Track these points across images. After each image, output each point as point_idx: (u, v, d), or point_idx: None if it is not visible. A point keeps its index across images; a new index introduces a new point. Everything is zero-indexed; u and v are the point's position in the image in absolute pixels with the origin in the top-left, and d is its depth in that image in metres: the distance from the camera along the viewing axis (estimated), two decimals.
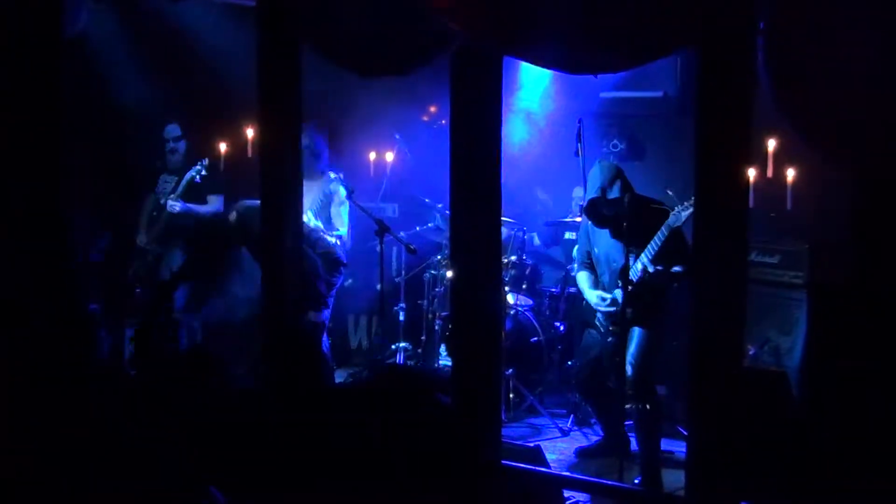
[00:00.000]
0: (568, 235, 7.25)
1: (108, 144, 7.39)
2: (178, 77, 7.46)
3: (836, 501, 3.88)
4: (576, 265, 5.97)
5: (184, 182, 6.85)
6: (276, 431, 3.72)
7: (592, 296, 5.58)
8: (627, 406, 5.43)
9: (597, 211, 5.39)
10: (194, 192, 6.97)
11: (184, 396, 3.71)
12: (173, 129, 7.10)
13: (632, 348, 5.29)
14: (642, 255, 5.15)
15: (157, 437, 3.45)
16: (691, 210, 4.97)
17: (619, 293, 5.36)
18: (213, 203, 7.03)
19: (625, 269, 5.17)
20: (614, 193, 5.28)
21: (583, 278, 5.74)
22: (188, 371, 3.89)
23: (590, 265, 5.71)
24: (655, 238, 5.12)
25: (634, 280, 5.20)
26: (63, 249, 4.39)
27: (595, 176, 5.42)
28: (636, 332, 5.32)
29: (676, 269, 5.20)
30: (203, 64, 7.28)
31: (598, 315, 5.57)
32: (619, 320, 5.37)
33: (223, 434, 3.67)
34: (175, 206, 6.88)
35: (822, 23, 3.35)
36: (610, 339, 5.51)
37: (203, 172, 6.85)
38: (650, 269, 5.13)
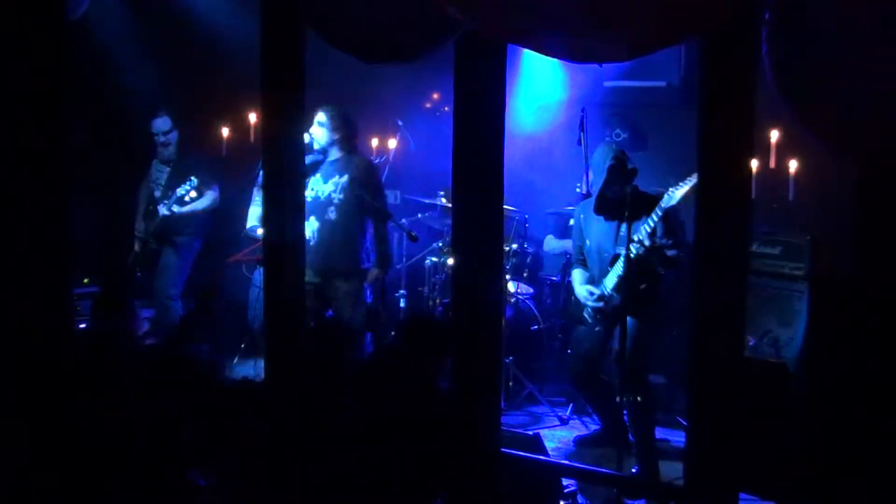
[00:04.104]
0: (572, 222, 7.26)
1: (110, 127, 7.39)
2: (182, 60, 7.44)
3: (834, 492, 3.89)
4: (573, 262, 5.97)
5: (174, 198, 6.75)
6: (270, 420, 3.73)
7: (582, 290, 5.58)
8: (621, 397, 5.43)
9: (609, 188, 5.34)
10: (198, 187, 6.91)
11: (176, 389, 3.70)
12: (163, 123, 6.93)
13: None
14: (636, 234, 5.13)
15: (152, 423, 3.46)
16: (684, 189, 4.97)
17: (609, 280, 5.36)
18: (209, 197, 6.95)
19: (618, 256, 5.20)
20: (631, 165, 5.27)
21: (576, 275, 5.75)
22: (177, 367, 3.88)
23: (584, 261, 5.72)
24: (648, 220, 5.11)
25: (624, 267, 5.19)
26: (61, 235, 4.38)
27: (605, 152, 5.41)
28: (628, 322, 5.31)
29: (670, 253, 5.20)
30: (206, 46, 7.26)
31: (587, 309, 5.57)
32: (609, 313, 5.39)
33: (215, 422, 3.68)
34: (166, 209, 6.79)
35: (827, 13, 3.34)
36: (597, 328, 5.51)
37: (192, 194, 6.72)
38: (647, 243, 5.10)
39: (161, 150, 6.99)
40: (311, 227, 6.00)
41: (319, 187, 6.06)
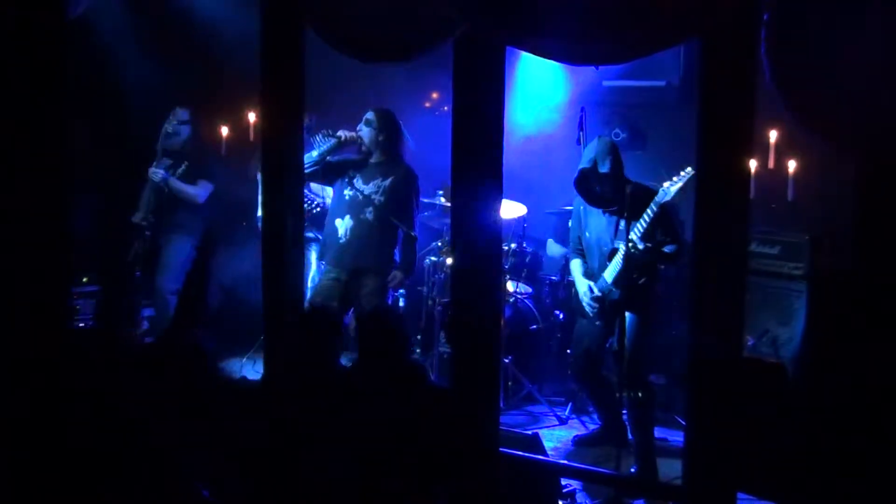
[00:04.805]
0: (572, 223, 7.25)
1: (111, 126, 7.38)
2: (181, 59, 7.44)
3: (832, 492, 3.89)
4: (570, 252, 5.98)
5: (161, 135, 6.75)
6: (269, 420, 3.72)
7: (582, 285, 5.59)
8: (620, 394, 5.42)
9: (587, 185, 5.40)
10: (188, 173, 6.90)
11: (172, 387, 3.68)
12: (182, 113, 6.96)
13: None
14: (631, 232, 5.14)
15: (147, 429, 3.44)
16: (679, 184, 4.99)
17: (608, 274, 5.36)
18: (201, 187, 6.92)
19: (616, 250, 5.21)
20: (605, 168, 5.29)
21: (575, 266, 5.75)
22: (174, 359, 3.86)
23: (582, 251, 5.72)
24: (644, 215, 5.12)
25: (623, 261, 5.20)
26: (64, 233, 4.39)
27: (590, 149, 5.43)
28: (627, 318, 5.31)
29: (668, 249, 5.21)
30: (206, 46, 7.26)
31: (586, 303, 5.57)
32: (606, 310, 5.39)
33: (212, 425, 3.67)
34: (157, 172, 6.78)
35: (825, 14, 3.34)
36: (597, 322, 5.51)
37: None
38: (639, 246, 5.12)
39: (169, 138, 6.95)
40: (345, 225, 6.04)
41: (360, 187, 6.08)
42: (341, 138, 6.01)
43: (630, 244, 5.08)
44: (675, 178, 5.04)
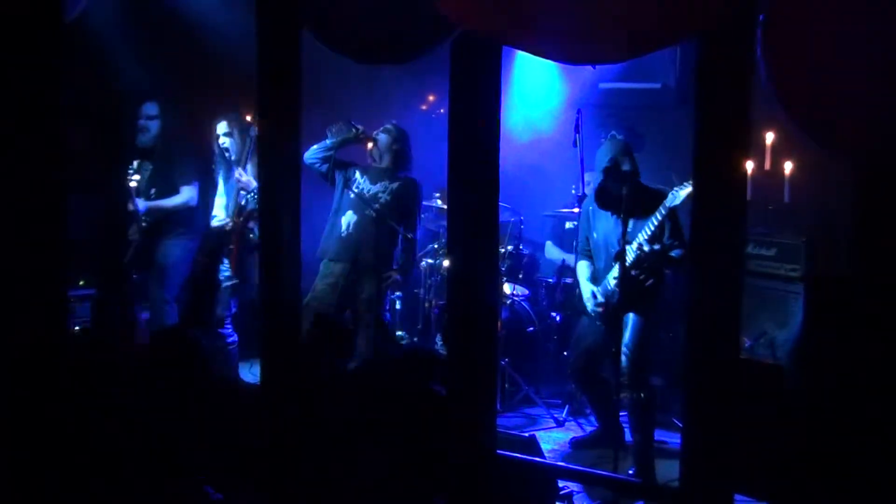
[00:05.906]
0: (568, 225, 7.25)
1: (107, 126, 7.37)
2: (179, 60, 7.43)
3: (830, 494, 3.89)
4: (576, 254, 5.97)
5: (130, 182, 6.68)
6: (268, 422, 3.72)
7: (586, 290, 5.57)
8: (622, 395, 5.42)
9: (606, 186, 5.36)
10: (163, 183, 6.82)
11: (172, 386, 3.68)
12: (150, 108, 6.84)
13: (626, 336, 5.29)
14: (638, 234, 5.14)
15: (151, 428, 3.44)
16: (688, 189, 4.99)
17: (612, 276, 5.34)
18: (185, 193, 6.80)
19: (620, 253, 5.20)
20: (627, 166, 5.29)
21: (582, 268, 5.73)
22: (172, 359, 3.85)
23: (589, 253, 5.71)
24: (652, 218, 5.13)
25: (630, 262, 5.19)
26: (58, 235, 4.37)
27: (606, 150, 5.42)
28: (631, 318, 5.31)
29: (674, 253, 5.21)
30: (205, 47, 7.25)
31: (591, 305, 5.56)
32: (610, 314, 5.37)
33: (212, 427, 3.66)
34: (137, 211, 6.68)
35: (822, 14, 3.34)
36: (598, 323, 5.50)
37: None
38: (646, 249, 5.12)
39: (139, 135, 6.85)
40: (348, 219, 6.24)
41: (366, 186, 6.29)
42: (358, 129, 6.24)
43: (637, 247, 5.09)
44: (684, 183, 5.02)
